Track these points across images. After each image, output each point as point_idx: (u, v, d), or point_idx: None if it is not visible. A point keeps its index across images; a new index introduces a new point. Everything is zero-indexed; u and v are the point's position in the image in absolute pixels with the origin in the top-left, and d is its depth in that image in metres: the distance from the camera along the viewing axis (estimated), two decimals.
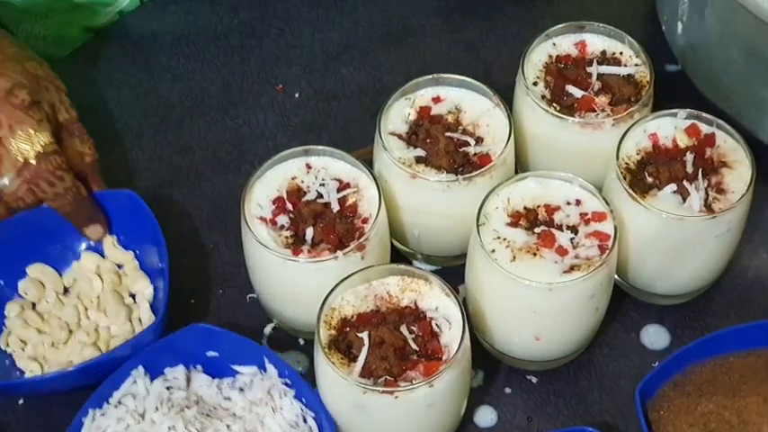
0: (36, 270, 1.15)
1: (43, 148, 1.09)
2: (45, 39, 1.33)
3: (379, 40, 1.33)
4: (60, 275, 1.16)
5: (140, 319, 1.13)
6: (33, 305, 1.14)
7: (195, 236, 1.20)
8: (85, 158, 1.14)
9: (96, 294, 1.14)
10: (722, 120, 1.11)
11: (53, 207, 1.11)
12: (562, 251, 1.05)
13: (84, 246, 1.16)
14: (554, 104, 1.14)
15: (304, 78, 1.30)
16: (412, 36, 1.33)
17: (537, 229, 1.06)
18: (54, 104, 1.12)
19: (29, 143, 1.08)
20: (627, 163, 1.10)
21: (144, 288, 1.14)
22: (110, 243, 1.16)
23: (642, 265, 1.12)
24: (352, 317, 1.03)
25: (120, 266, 1.16)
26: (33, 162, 1.08)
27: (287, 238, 1.07)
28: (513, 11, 1.34)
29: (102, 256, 1.16)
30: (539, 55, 1.17)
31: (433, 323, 1.02)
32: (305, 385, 1.04)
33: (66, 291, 1.15)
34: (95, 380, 1.06)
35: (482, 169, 1.09)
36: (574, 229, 1.06)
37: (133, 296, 1.15)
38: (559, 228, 1.06)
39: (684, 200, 1.07)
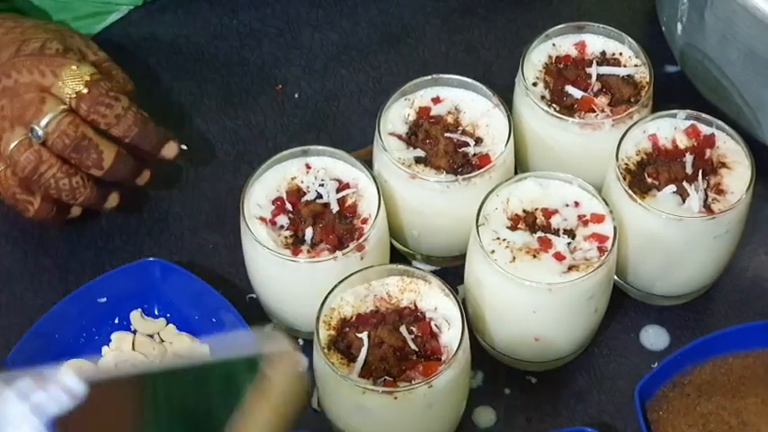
0: (74, 367, 1.06)
1: (90, 77, 1.12)
2: None
3: (378, 41, 1.33)
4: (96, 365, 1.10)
5: None
6: None
7: (194, 236, 1.20)
8: (127, 87, 1.17)
9: None
10: (722, 121, 1.11)
11: (120, 134, 1.12)
12: (559, 257, 1.04)
13: (109, 328, 1.12)
14: (553, 105, 1.14)
15: (303, 79, 1.30)
16: (411, 37, 1.33)
17: (535, 235, 1.06)
18: (82, 49, 1.16)
19: (76, 78, 1.11)
20: (626, 164, 1.10)
21: (197, 347, 1.11)
22: (137, 317, 1.13)
23: (641, 266, 1.12)
24: (352, 317, 1.03)
25: (151, 336, 1.13)
26: (85, 91, 1.11)
27: (286, 238, 1.07)
28: (513, 11, 1.34)
29: (131, 332, 1.13)
30: (538, 55, 1.17)
31: (433, 323, 1.02)
32: None
33: None
34: None
35: (482, 170, 1.09)
36: (571, 233, 1.06)
37: None
38: (556, 233, 1.06)
39: (684, 200, 1.07)
